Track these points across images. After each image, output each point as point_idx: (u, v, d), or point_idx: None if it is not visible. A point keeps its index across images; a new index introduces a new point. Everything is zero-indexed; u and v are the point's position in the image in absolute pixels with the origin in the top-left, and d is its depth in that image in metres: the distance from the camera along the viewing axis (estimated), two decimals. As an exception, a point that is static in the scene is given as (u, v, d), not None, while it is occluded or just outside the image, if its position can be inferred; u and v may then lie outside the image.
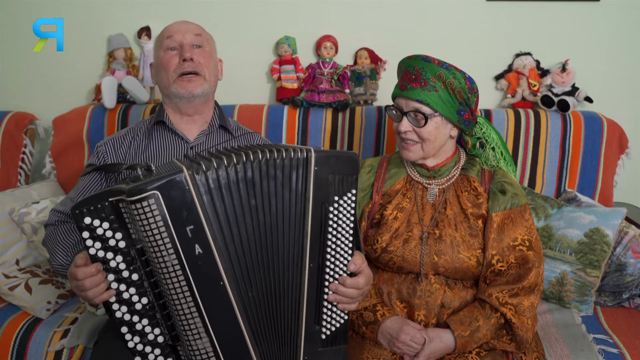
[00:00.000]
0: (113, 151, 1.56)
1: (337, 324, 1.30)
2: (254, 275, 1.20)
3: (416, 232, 1.49)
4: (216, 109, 1.66)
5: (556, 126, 2.06)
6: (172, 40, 1.56)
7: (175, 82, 1.54)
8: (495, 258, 1.46)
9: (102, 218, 1.13)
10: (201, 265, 1.13)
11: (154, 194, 1.08)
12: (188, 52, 1.54)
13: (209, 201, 1.14)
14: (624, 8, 2.15)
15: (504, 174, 1.57)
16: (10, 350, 1.68)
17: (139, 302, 1.18)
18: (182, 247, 1.11)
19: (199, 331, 1.16)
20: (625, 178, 2.16)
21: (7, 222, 1.84)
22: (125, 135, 1.60)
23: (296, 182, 1.20)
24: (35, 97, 2.36)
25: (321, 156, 1.21)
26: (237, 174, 1.16)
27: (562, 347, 1.63)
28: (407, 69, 1.49)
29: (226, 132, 1.64)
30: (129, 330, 1.19)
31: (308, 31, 2.23)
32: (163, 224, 1.09)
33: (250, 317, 1.20)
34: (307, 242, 1.22)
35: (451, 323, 1.43)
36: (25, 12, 2.30)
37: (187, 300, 1.14)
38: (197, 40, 1.58)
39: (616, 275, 1.83)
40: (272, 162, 1.18)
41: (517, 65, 2.18)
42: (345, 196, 1.24)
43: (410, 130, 1.48)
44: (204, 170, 1.14)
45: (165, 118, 1.59)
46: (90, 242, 1.14)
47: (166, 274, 1.13)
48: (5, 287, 1.78)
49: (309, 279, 1.23)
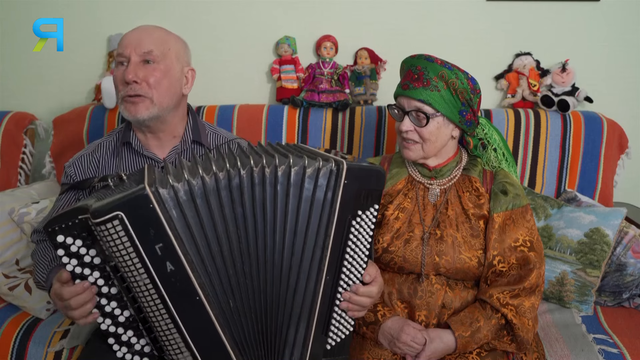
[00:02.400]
0: (81, 171, 1.49)
1: (343, 335, 1.30)
2: (240, 286, 1.17)
3: (417, 233, 1.49)
4: (189, 121, 1.53)
5: (556, 126, 2.05)
6: (121, 56, 1.42)
7: (122, 104, 1.42)
8: (497, 259, 1.46)
9: (75, 235, 1.10)
10: (174, 282, 1.10)
11: (118, 215, 1.04)
12: (131, 74, 1.38)
13: (178, 215, 1.09)
14: (624, 8, 2.15)
15: (505, 174, 1.57)
16: (10, 350, 1.68)
17: (122, 315, 1.17)
18: (153, 266, 1.08)
19: (179, 346, 1.15)
20: (625, 178, 2.16)
21: (7, 222, 1.84)
22: (93, 152, 1.52)
23: (313, 190, 1.16)
24: (35, 97, 2.36)
25: (353, 168, 1.17)
26: (217, 182, 1.11)
27: (562, 347, 1.63)
28: (410, 68, 1.48)
29: (201, 147, 1.53)
30: (115, 341, 1.18)
31: (308, 31, 2.23)
32: (130, 244, 1.06)
33: (234, 330, 1.18)
34: (326, 254, 1.19)
35: (452, 323, 1.43)
36: (25, 12, 2.30)
37: (164, 317, 1.12)
38: (148, 57, 1.41)
39: (616, 275, 1.83)
40: (272, 170, 1.14)
41: (517, 65, 2.18)
42: (368, 211, 1.22)
43: (412, 129, 1.48)
44: (171, 184, 1.09)
45: (132, 139, 1.49)
46: (66, 259, 1.12)
47: (140, 292, 1.11)
48: (5, 287, 1.78)
49: (324, 290, 1.21)
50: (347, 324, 1.29)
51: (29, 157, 2.26)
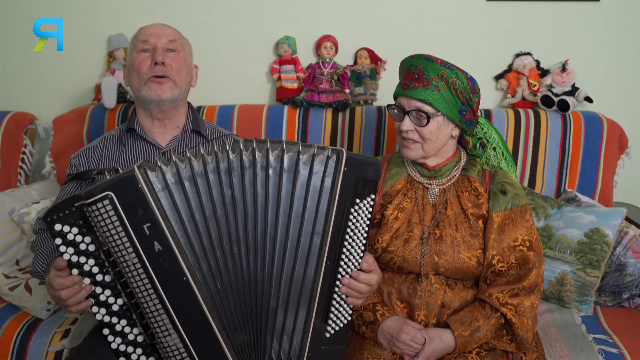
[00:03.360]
0: (86, 161, 1.58)
1: (342, 324, 1.30)
2: (227, 269, 1.19)
3: (417, 232, 1.49)
4: (190, 113, 1.65)
5: (556, 126, 2.06)
6: (146, 43, 1.56)
7: (145, 85, 1.53)
8: (496, 258, 1.46)
9: (71, 223, 1.14)
10: (162, 262, 1.14)
11: (108, 195, 1.09)
12: (160, 56, 1.53)
13: (166, 197, 1.14)
14: (624, 8, 2.15)
15: (504, 174, 1.57)
16: (10, 350, 1.68)
17: (115, 303, 1.19)
18: (141, 245, 1.12)
19: (167, 327, 1.17)
20: (625, 178, 2.16)
21: (7, 222, 1.84)
22: (97, 144, 1.61)
23: (308, 176, 1.19)
24: (35, 97, 2.36)
25: (352, 156, 1.21)
26: (205, 165, 1.15)
27: (562, 347, 1.63)
28: (410, 68, 1.49)
29: (200, 137, 1.63)
30: (110, 331, 1.20)
31: (308, 31, 2.23)
32: (119, 223, 1.11)
33: (222, 312, 1.19)
34: (327, 240, 1.21)
35: (451, 323, 1.43)
36: (25, 12, 2.30)
37: (152, 297, 1.15)
38: (172, 45, 1.57)
39: (616, 275, 1.83)
40: (264, 153, 1.17)
41: (517, 65, 2.18)
42: (365, 199, 1.24)
43: (412, 129, 1.48)
44: (159, 167, 1.14)
45: (136, 125, 1.59)
46: (63, 247, 1.15)
47: (129, 272, 1.14)
48: (5, 287, 1.78)
49: (324, 276, 1.23)
50: (345, 312, 1.30)
51: (29, 157, 2.27)
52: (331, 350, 1.29)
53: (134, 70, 1.56)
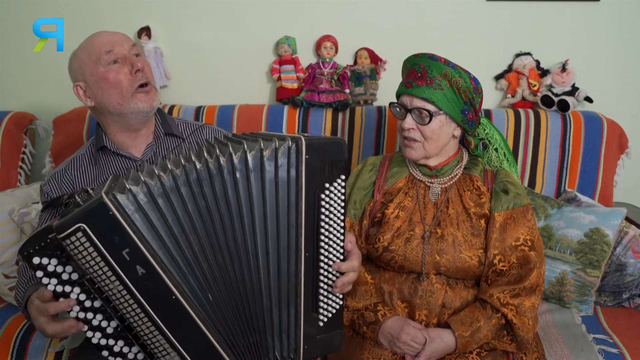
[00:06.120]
0: (57, 187, 1.48)
1: (334, 310, 1.28)
2: (216, 279, 1.17)
3: (418, 231, 1.49)
4: (158, 117, 1.55)
5: (556, 126, 2.06)
6: (112, 54, 1.42)
7: (134, 98, 1.42)
8: (497, 258, 1.46)
9: (49, 255, 1.11)
10: (148, 284, 1.10)
11: (80, 227, 1.04)
12: (139, 61, 1.43)
13: (141, 218, 1.10)
14: (624, 8, 2.15)
15: (506, 173, 1.57)
16: (11, 350, 1.68)
17: (109, 326, 1.17)
18: (123, 271, 1.08)
19: (165, 347, 1.15)
20: (625, 178, 2.16)
21: (7, 222, 1.84)
22: (66, 168, 1.51)
23: (275, 171, 1.16)
24: (35, 97, 2.36)
25: (312, 142, 1.17)
26: (175, 179, 1.11)
27: (562, 347, 1.64)
28: (413, 66, 1.49)
29: (174, 138, 1.55)
30: (109, 353, 1.18)
31: (308, 31, 2.23)
32: (97, 254, 1.07)
33: (217, 323, 1.18)
34: (301, 232, 1.19)
35: (452, 323, 1.43)
36: (25, 12, 2.30)
37: (144, 321, 1.13)
38: (135, 50, 1.46)
39: (616, 275, 1.83)
40: (228, 158, 1.14)
41: (517, 65, 2.18)
42: (336, 182, 1.21)
43: (414, 128, 1.48)
44: (128, 188, 1.09)
45: (107, 142, 1.49)
46: (46, 279, 1.13)
47: (117, 299, 1.12)
48: (5, 287, 1.78)
49: (305, 267, 1.21)
50: (335, 298, 1.28)
51: (29, 157, 2.27)
52: (328, 337, 1.28)
53: (111, 86, 1.41)
